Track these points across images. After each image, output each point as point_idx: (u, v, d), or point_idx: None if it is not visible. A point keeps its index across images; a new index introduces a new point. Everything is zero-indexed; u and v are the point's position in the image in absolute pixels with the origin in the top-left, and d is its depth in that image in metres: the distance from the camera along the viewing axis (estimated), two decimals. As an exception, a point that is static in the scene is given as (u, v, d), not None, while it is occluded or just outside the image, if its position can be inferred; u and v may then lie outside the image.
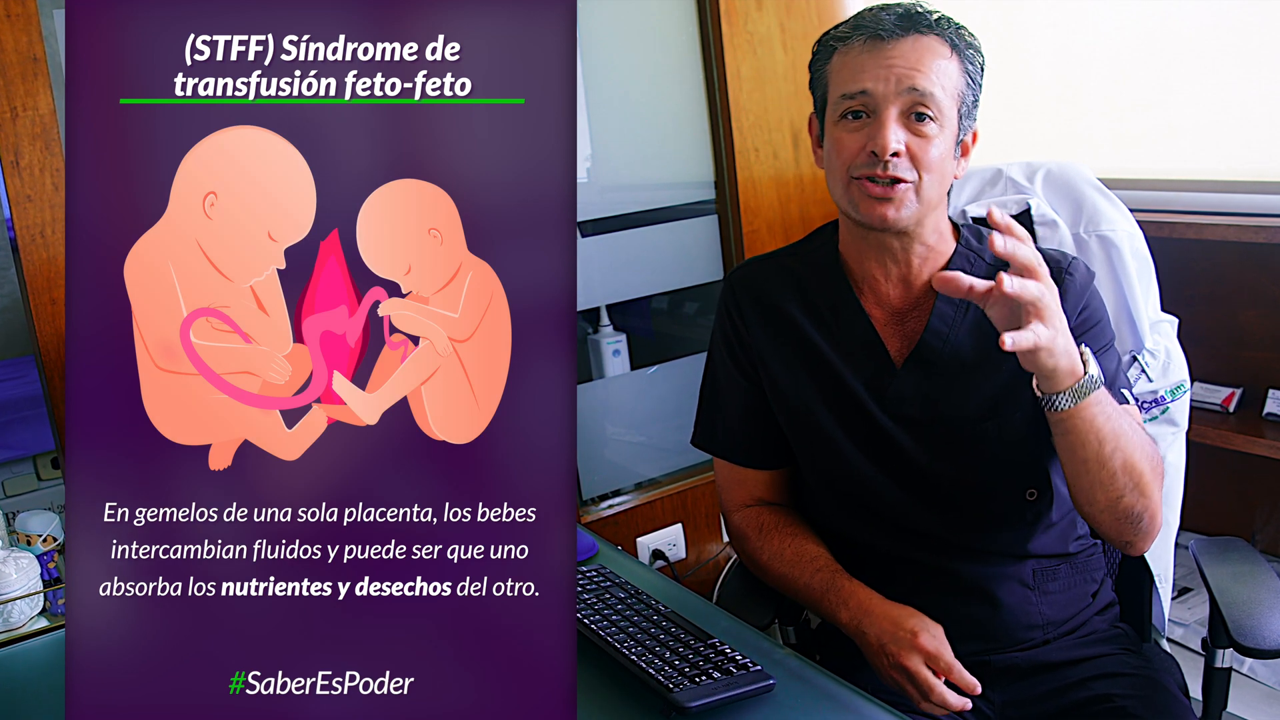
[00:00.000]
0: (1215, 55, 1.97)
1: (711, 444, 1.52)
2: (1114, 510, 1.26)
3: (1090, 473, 1.24)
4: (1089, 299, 1.34)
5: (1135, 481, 1.24)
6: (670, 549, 2.41)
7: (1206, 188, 1.97)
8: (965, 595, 1.37)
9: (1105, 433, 1.21)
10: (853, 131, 1.28)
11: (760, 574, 1.47)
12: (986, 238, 1.39)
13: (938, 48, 1.27)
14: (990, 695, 1.37)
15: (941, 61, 1.27)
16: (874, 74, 1.26)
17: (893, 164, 1.25)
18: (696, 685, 1.17)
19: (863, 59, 1.27)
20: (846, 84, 1.28)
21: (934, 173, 1.27)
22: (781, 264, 1.46)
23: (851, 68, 1.28)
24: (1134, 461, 1.23)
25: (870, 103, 1.26)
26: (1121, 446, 1.22)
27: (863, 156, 1.27)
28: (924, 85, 1.25)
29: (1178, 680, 1.42)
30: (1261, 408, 1.96)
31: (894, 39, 1.26)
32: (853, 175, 1.28)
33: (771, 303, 1.43)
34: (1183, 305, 1.69)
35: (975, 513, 1.36)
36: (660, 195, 2.40)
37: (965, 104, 1.29)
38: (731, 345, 1.47)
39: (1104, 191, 1.60)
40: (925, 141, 1.26)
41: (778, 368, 1.41)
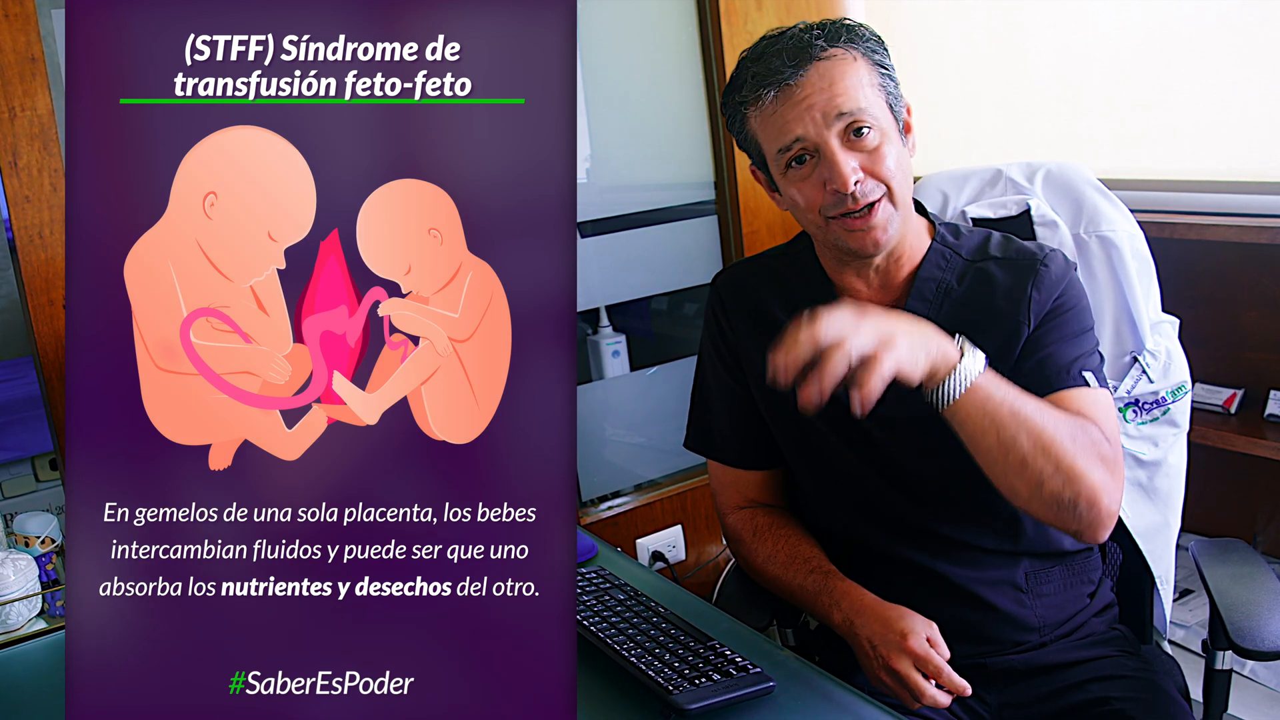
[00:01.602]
0: (1216, 55, 1.97)
1: (705, 446, 1.53)
2: (1040, 498, 1.20)
3: (1000, 462, 1.19)
4: (1065, 287, 1.33)
5: (1055, 463, 1.18)
6: (670, 551, 2.41)
7: (1207, 188, 1.96)
8: (957, 598, 1.37)
9: (1001, 416, 1.17)
10: (806, 179, 1.28)
11: (756, 577, 1.47)
12: (963, 233, 1.39)
13: (838, 63, 1.26)
14: (986, 698, 1.37)
15: (850, 72, 1.26)
16: (796, 117, 1.25)
17: (859, 191, 1.25)
18: (696, 687, 1.16)
19: (780, 110, 1.26)
20: (778, 139, 1.28)
21: (896, 175, 1.27)
22: (766, 265, 1.46)
23: (774, 123, 1.27)
24: (1047, 441, 1.18)
25: (809, 144, 1.26)
26: (1026, 427, 1.18)
27: (828, 198, 1.27)
28: (849, 105, 1.24)
29: (1178, 682, 1.41)
30: (1263, 409, 1.95)
31: (798, 78, 1.25)
32: (827, 216, 1.28)
33: (755, 305, 1.43)
34: (1184, 306, 1.69)
35: (961, 507, 1.36)
36: (660, 196, 2.40)
37: (889, 94, 1.29)
38: (719, 347, 1.47)
39: (1104, 192, 1.60)
40: (876, 154, 1.26)
41: (763, 368, 1.40)
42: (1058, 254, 1.36)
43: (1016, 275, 1.33)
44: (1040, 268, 1.33)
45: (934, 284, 1.35)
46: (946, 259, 1.36)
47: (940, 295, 1.35)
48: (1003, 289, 1.33)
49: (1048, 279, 1.32)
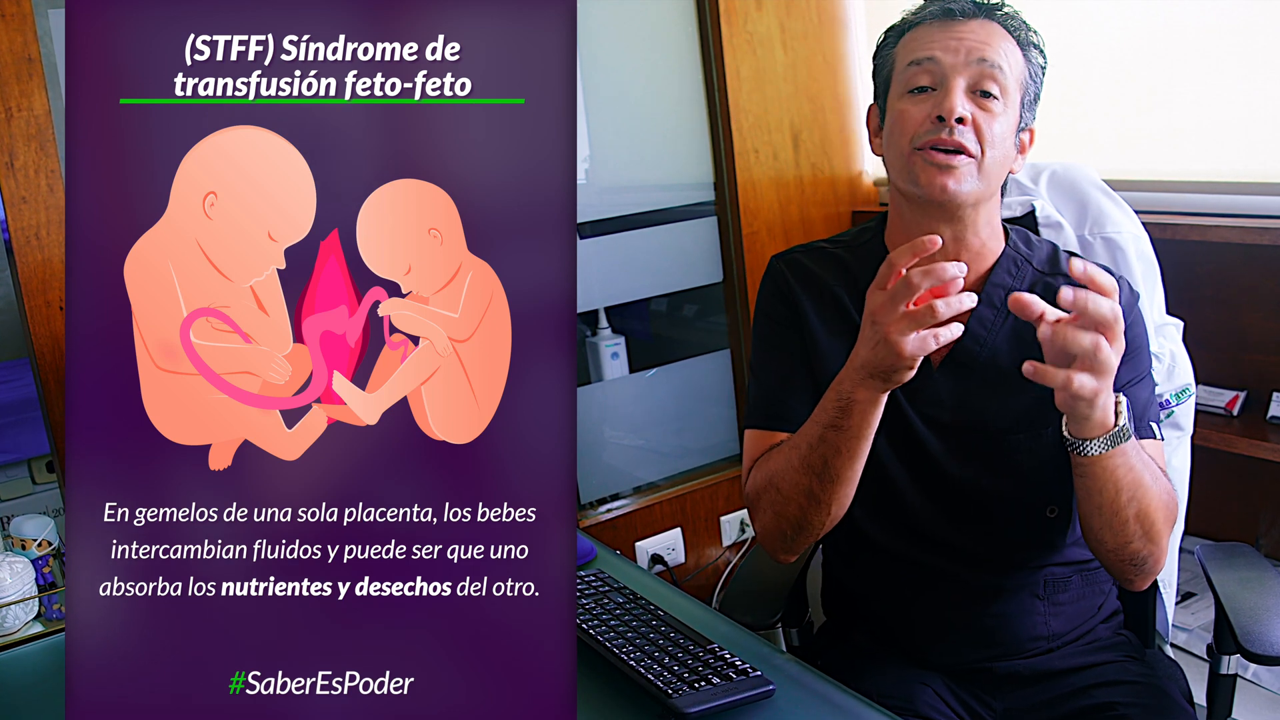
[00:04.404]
0: (1220, 55, 1.96)
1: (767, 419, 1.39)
2: (1120, 553, 1.25)
3: (1103, 516, 1.22)
4: (1132, 322, 1.31)
5: (1146, 530, 1.23)
6: (669, 553, 2.41)
7: (1210, 189, 1.96)
8: (973, 602, 1.36)
9: (1124, 483, 1.19)
10: (918, 103, 1.27)
11: (776, 492, 1.31)
12: (1034, 243, 1.37)
13: (1005, 38, 1.28)
14: (991, 703, 1.36)
15: (1009, 46, 1.27)
16: (943, 44, 1.26)
17: (958, 131, 1.23)
18: (696, 691, 1.16)
19: (932, 32, 1.28)
20: (914, 52, 1.28)
21: (997, 149, 1.25)
22: (831, 255, 1.42)
23: (920, 39, 1.29)
24: (1148, 511, 1.22)
25: (938, 71, 1.26)
26: (1138, 497, 1.21)
27: (927, 124, 1.25)
28: (993, 57, 1.25)
29: (1181, 687, 1.41)
30: (1266, 411, 1.95)
31: (965, 18, 1.27)
32: (915, 146, 1.26)
33: (822, 284, 1.39)
34: (1186, 308, 1.69)
35: (993, 525, 1.35)
36: (659, 197, 2.40)
37: (1028, 95, 1.29)
38: (783, 315, 1.40)
39: (1109, 193, 1.59)
40: (990, 116, 1.25)
41: (825, 343, 1.37)
42: (1124, 283, 1.34)
43: None
44: None
45: (1004, 291, 1.32)
46: (1019, 266, 1.34)
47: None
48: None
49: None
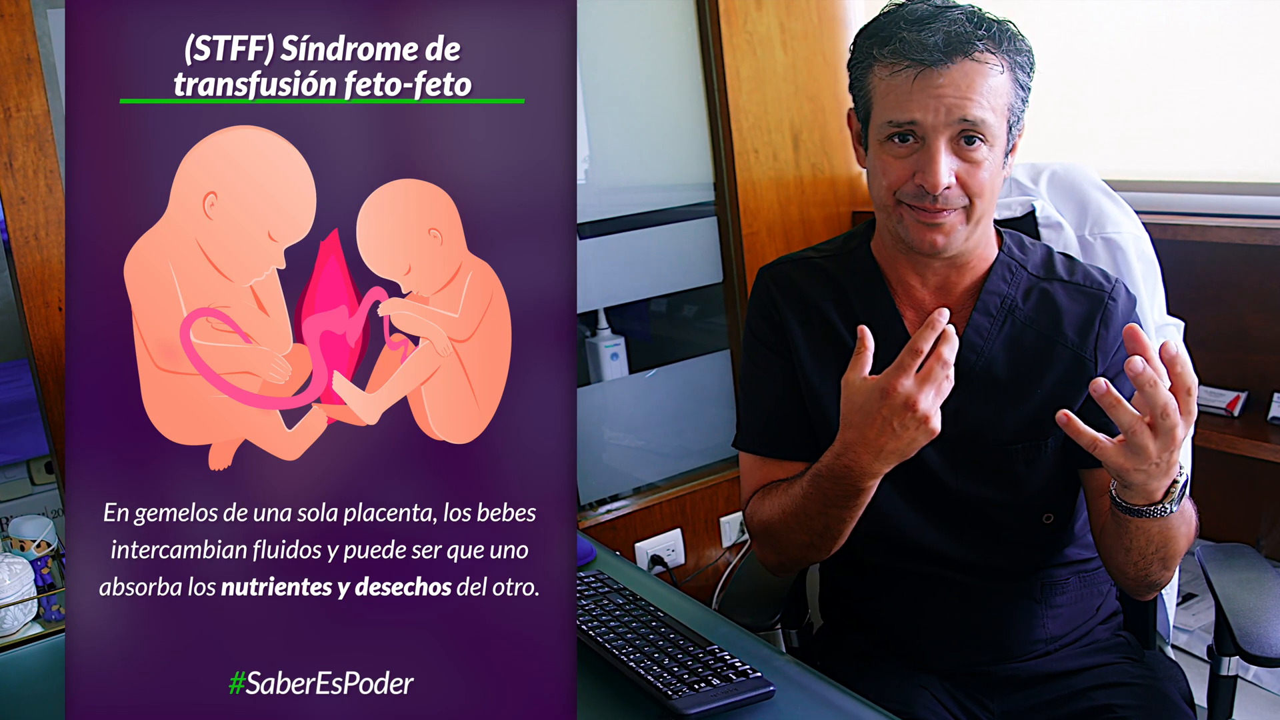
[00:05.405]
0: (1220, 56, 1.96)
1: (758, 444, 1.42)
2: (1139, 580, 1.26)
3: (1129, 556, 1.23)
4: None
5: (1167, 561, 1.23)
6: (669, 554, 2.41)
7: (1211, 189, 1.96)
8: (970, 605, 1.36)
9: (1161, 537, 1.20)
10: (900, 157, 1.24)
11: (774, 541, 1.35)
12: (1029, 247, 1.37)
13: (988, 69, 1.21)
14: (990, 705, 1.36)
15: (992, 81, 1.21)
16: (922, 104, 1.20)
17: (943, 197, 1.22)
18: (696, 692, 1.16)
19: (910, 89, 1.21)
20: (893, 112, 1.22)
21: (985, 195, 1.24)
22: (817, 266, 1.41)
23: (898, 96, 1.22)
24: (1176, 551, 1.23)
25: (919, 130, 1.22)
26: (1169, 541, 1.21)
27: (910, 186, 1.23)
28: (975, 114, 1.20)
29: (1181, 689, 1.40)
30: (1266, 412, 1.94)
31: (942, 67, 1.19)
32: (899, 200, 1.25)
33: (808, 301, 1.38)
34: (1187, 308, 1.68)
35: (990, 533, 1.35)
36: (659, 197, 2.40)
37: (1015, 114, 1.25)
38: (770, 335, 1.40)
39: (1109, 193, 1.59)
40: (975, 167, 1.22)
41: (811, 365, 1.37)
42: (1120, 286, 1.34)
43: (1083, 305, 1.32)
44: (1109, 302, 1.31)
45: (999, 299, 1.32)
46: (1013, 272, 1.34)
47: (1004, 312, 1.32)
48: (1068, 317, 1.32)
49: (1115, 316, 1.31)
